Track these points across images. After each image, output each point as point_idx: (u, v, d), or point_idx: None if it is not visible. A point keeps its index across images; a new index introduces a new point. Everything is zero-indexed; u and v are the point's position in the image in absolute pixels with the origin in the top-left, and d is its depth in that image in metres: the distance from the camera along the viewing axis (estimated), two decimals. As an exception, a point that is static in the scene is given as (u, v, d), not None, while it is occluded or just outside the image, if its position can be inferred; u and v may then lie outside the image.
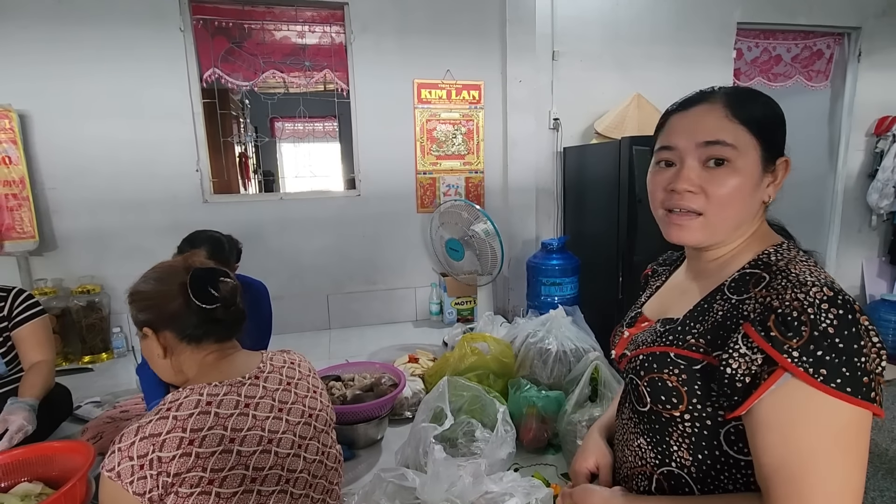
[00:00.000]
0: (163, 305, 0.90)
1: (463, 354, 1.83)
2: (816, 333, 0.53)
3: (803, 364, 0.53)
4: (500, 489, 1.12)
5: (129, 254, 2.59)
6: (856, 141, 3.58)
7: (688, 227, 0.68)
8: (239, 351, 0.97)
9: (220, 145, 2.89)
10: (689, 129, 0.67)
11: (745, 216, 0.67)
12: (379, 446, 1.64)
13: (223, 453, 0.79)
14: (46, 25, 2.37)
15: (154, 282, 0.93)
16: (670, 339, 0.68)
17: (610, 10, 3.03)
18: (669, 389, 0.65)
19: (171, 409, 0.80)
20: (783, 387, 0.55)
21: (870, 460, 2.32)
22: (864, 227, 3.71)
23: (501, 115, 3.00)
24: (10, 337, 1.65)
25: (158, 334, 0.91)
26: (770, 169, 0.67)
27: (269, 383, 0.91)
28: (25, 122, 2.40)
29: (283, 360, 1.00)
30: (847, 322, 0.53)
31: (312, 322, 2.94)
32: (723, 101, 0.66)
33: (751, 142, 0.64)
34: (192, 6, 2.56)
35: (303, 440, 0.91)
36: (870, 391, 0.53)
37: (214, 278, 0.92)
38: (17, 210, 2.37)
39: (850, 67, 3.50)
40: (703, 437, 0.65)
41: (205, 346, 0.92)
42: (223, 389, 0.85)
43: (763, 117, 0.66)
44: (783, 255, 0.65)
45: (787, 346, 0.54)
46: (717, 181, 0.65)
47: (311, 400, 0.96)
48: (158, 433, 0.77)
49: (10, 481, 1.23)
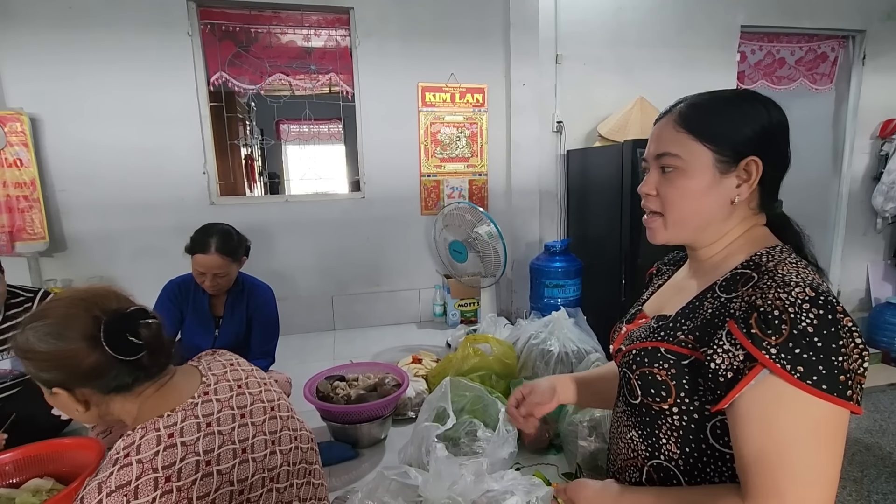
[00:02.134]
0: (72, 366, 0.76)
1: (466, 355, 1.84)
2: (796, 332, 0.55)
3: (781, 361, 0.55)
4: (501, 487, 1.13)
5: (138, 255, 2.63)
6: (860, 144, 3.57)
7: (653, 228, 0.76)
8: (175, 373, 0.87)
9: (227, 148, 2.93)
10: (652, 142, 0.75)
11: (706, 216, 0.71)
12: (382, 445, 1.66)
13: (204, 478, 0.76)
14: (57, 31, 2.42)
15: (52, 338, 0.76)
16: (661, 335, 0.70)
17: (613, 13, 3.04)
18: (659, 383, 0.68)
19: (129, 453, 0.72)
20: (762, 382, 0.57)
21: (874, 463, 2.32)
22: (869, 230, 3.70)
23: (505, 119, 3.02)
24: None
25: (74, 392, 0.78)
26: (730, 171, 0.69)
27: (220, 394, 0.85)
28: (36, 125, 2.44)
29: (220, 364, 0.93)
30: (827, 322, 0.55)
31: (317, 323, 2.96)
32: (675, 115, 0.72)
33: (698, 148, 0.69)
34: (199, 11, 2.60)
35: (273, 435, 0.89)
36: (846, 389, 0.55)
37: (133, 323, 0.79)
38: (27, 212, 2.41)
39: (855, 70, 3.49)
40: (690, 431, 0.67)
41: (136, 390, 0.81)
42: (179, 416, 0.78)
43: (713, 121, 0.69)
44: (774, 257, 0.67)
45: (766, 344, 0.56)
46: (667, 184, 0.72)
47: (266, 393, 0.93)
48: (127, 482, 0.69)
49: (22, 477, 1.26)
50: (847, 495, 2.08)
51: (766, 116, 0.68)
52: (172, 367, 0.87)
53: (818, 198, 3.69)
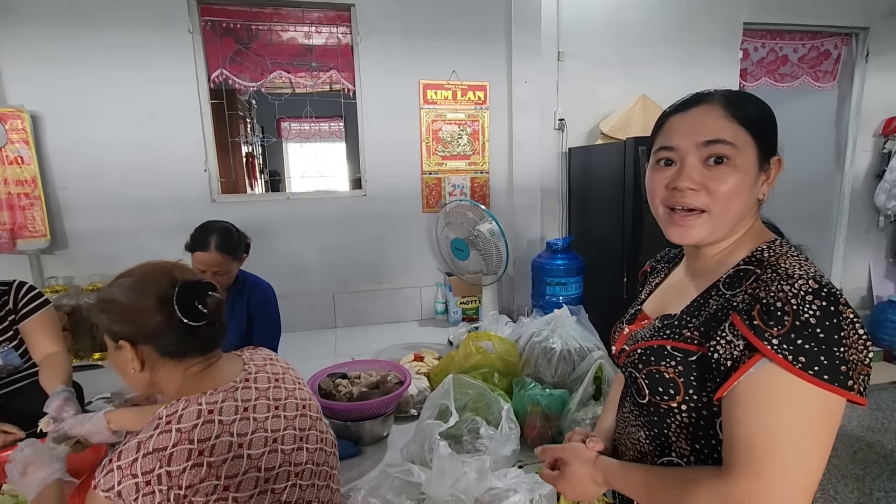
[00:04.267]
0: (142, 320, 0.83)
1: (468, 353, 1.84)
2: (798, 323, 0.56)
3: (783, 351, 0.56)
4: (504, 485, 1.13)
5: (139, 252, 2.59)
6: (863, 142, 3.56)
7: (691, 225, 0.69)
8: (221, 357, 0.93)
9: (228, 146, 2.92)
10: (690, 130, 0.68)
11: (743, 213, 0.70)
12: (385, 443, 1.66)
13: (234, 459, 0.79)
14: (58, 28, 2.41)
15: (132, 292, 0.85)
16: (667, 333, 0.70)
17: (615, 11, 3.03)
18: (667, 381, 0.68)
19: (171, 421, 0.77)
20: (760, 370, 0.58)
21: (876, 461, 2.32)
22: (871, 228, 3.69)
23: (507, 116, 3.01)
24: (19, 330, 1.63)
25: (136, 348, 0.85)
26: (765, 168, 0.69)
27: (259, 384, 0.90)
28: (37, 122, 2.43)
29: (261, 357, 0.98)
30: (829, 313, 0.56)
31: (318, 321, 2.96)
32: (721, 102, 0.68)
33: (748, 140, 0.67)
34: (200, 8, 2.60)
35: (303, 432, 0.92)
36: (847, 379, 0.55)
37: (202, 293, 0.86)
38: (29, 209, 2.41)
39: (858, 68, 3.48)
40: (699, 427, 0.67)
41: (187, 361, 0.87)
42: (220, 396, 0.83)
43: (758, 118, 0.68)
44: (775, 251, 0.67)
45: (767, 335, 0.57)
46: (718, 178, 0.66)
47: (299, 392, 0.97)
48: (164, 447, 0.74)
49: (25, 474, 1.25)
50: (849, 493, 2.08)
51: (775, 118, 0.70)
52: (219, 352, 0.93)
53: (820, 196, 3.69)
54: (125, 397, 1.90)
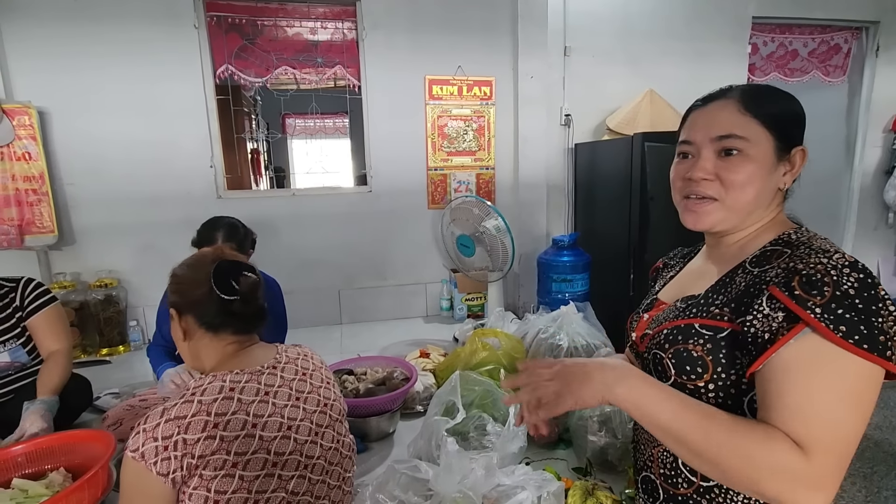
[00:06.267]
0: (189, 290, 0.94)
1: (474, 350, 1.84)
2: (839, 293, 0.57)
3: (825, 320, 0.57)
4: (512, 482, 1.13)
5: (145, 249, 2.64)
6: (873, 137, 3.52)
7: (703, 211, 0.73)
8: (257, 343, 1.00)
9: (234, 142, 2.92)
10: (706, 124, 0.73)
11: (759, 201, 0.72)
12: (391, 439, 1.66)
13: (246, 437, 0.82)
14: (63, 23, 2.41)
15: (187, 267, 0.97)
16: (694, 312, 0.71)
17: (622, 5, 3.01)
18: (695, 359, 0.68)
19: (195, 393, 0.82)
20: (802, 339, 0.58)
21: (884, 459, 2.30)
22: (880, 224, 3.66)
23: (512, 112, 3.00)
24: (26, 327, 1.66)
25: (181, 317, 0.96)
26: (785, 158, 0.71)
27: (285, 373, 0.94)
28: (44, 118, 2.44)
29: (296, 352, 1.03)
30: (867, 285, 0.58)
31: (324, 317, 2.96)
32: (737, 97, 0.72)
33: (763, 133, 0.69)
34: (206, 3, 2.59)
35: (319, 428, 0.94)
36: (886, 349, 0.56)
37: (237, 272, 0.95)
38: (36, 205, 2.42)
39: (868, 62, 3.44)
40: (727, 407, 0.67)
41: (223, 337, 0.95)
42: (244, 377, 0.88)
43: (778, 111, 0.71)
44: (803, 234, 0.70)
45: (810, 304, 0.58)
46: (730, 168, 0.70)
47: (325, 390, 1.00)
48: (184, 416, 0.79)
49: (35, 468, 1.27)
50: (857, 491, 2.07)
51: (803, 110, 0.73)
52: (256, 338, 1.01)
53: (829, 192, 3.65)
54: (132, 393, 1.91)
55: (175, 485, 0.77)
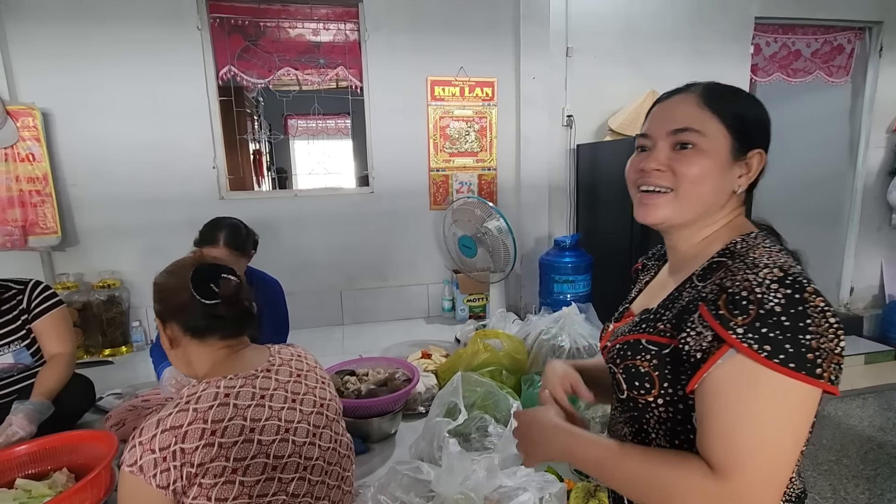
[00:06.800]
0: (170, 297, 0.93)
1: (476, 350, 1.84)
2: (762, 312, 0.56)
3: (748, 340, 0.56)
4: (514, 483, 1.13)
5: (148, 250, 2.65)
6: (876, 138, 3.50)
7: (654, 204, 0.72)
8: (249, 346, 0.99)
9: (236, 143, 2.92)
10: (663, 118, 0.72)
11: (712, 199, 0.70)
12: (392, 440, 1.66)
13: (244, 443, 0.81)
14: (67, 24, 2.42)
15: (168, 275, 0.96)
16: (643, 328, 0.71)
17: (624, 5, 3.00)
18: (642, 375, 0.68)
19: (189, 401, 0.81)
20: (729, 361, 0.57)
21: (887, 462, 2.29)
22: (883, 225, 3.64)
23: (515, 113, 3.00)
24: (31, 329, 1.66)
25: (165, 325, 0.95)
26: (741, 159, 0.70)
27: (280, 375, 0.94)
28: (48, 119, 2.45)
29: (290, 353, 1.02)
30: (794, 301, 0.56)
31: (325, 318, 2.97)
32: (698, 92, 0.71)
33: (720, 130, 0.68)
34: (209, 5, 2.60)
35: (316, 429, 0.93)
36: (815, 367, 0.54)
37: (217, 275, 0.94)
38: (40, 206, 2.43)
39: (872, 63, 3.42)
40: (677, 422, 0.67)
41: (210, 342, 0.93)
42: (238, 382, 0.87)
43: (738, 110, 0.70)
44: (747, 243, 0.67)
45: (732, 324, 0.57)
46: (684, 161, 0.69)
47: (320, 390, 0.99)
48: (180, 425, 0.77)
49: (38, 468, 1.28)
50: (860, 493, 2.06)
51: (768, 116, 0.72)
52: (247, 341, 0.99)
53: (832, 192, 3.63)
54: (134, 394, 1.92)
55: (176, 496, 0.76)
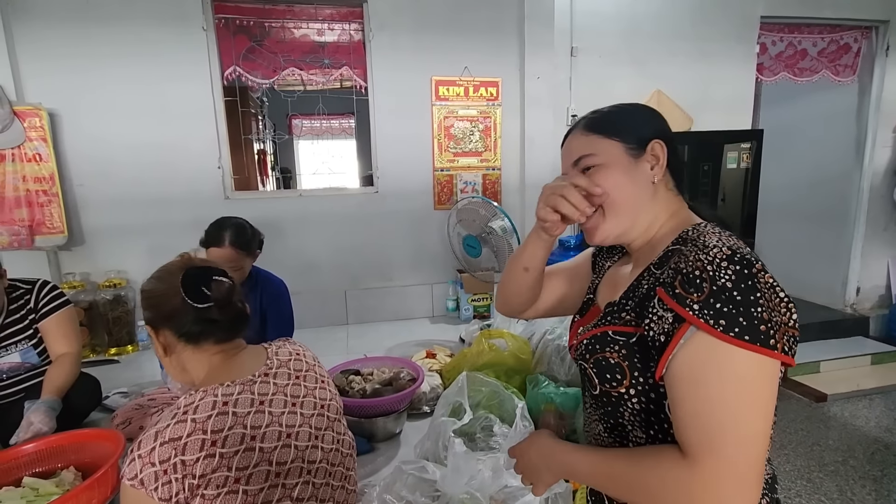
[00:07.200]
0: (161, 303, 0.90)
1: (480, 350, 1.84)
2: (715, 288, 0.58)
3: (704, 316, 0.58)
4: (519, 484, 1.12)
5: (154, 249, 2.66)
6: (883, 137, 3.49)
7: (592, 227, 0.78)
8: (244, 349, 0.96)
9: (241, 143, 2.94)
10: (566, 155, 0.82)
11: (636, 198, 0.76)
12: (397, 440, 1.66)
13: (246, 451, 0.80)
14: (73, 25, 2.44)
15: (156, 280, 0.93)
16: (608, 320, 0.74)
17: (629, 5, 3.00)
18: (613, 367, 0.70)
19: (187, 412, 0.79)
20: (691, 340, 0.60)
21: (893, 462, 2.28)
22: (890, 225, 3.62)
23: (519, 112, 3.00)
24: (38, 329, 1.67)
25: (158, 332, 0.92)
26: (641, 155, 0.75)
27: (278, 379, 0.91)
28: (55, 120, 2.46)
29: (287, 352, 0.99)
30: (744, 276, 0.59)
31: (330, 317, 2.97)
32: (581, 125, 0.80)
33: (607, 142, 0.76)
34: (214, 5, 2.61)
35: (318, 431, 0.92)
36: (769, 339, 0.57)
37: (208, 277, 0.90)
38: (47, 206, 2.44)
39: (878, 62, 3.41)
40: (650, 412, 0.68)
41: (205, 347, 0.91)
42: (236, 389, 0.84)
43: (614, 118, 0.78)
44: (699, 230, 0.70)
45: (689, 301, 0.59)
46: (594, 181, 0.75)
47: (320, 391, 0.97)
48: (179, 437, 0.76)
49: (46, 466, 1.28)
50: (866, 494, 2.05)
51: (657, 116, 0.79)
52: (242, 343, 0.97)
53: (839, 192, 3.62)
54: (140, 393, 1.93)
55: None
